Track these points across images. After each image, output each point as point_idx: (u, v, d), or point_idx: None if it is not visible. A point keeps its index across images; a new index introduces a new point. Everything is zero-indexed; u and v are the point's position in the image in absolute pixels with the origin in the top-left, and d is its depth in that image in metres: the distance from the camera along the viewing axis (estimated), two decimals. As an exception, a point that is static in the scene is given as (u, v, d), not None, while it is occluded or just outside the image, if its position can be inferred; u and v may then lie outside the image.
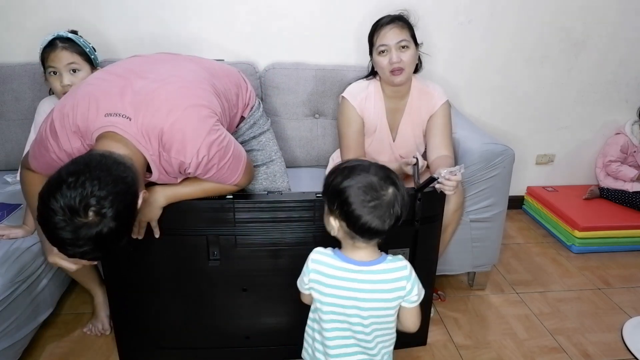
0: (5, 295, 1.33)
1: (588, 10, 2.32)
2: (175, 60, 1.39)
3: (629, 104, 2.58)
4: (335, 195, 1.04)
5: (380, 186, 1.02)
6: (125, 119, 1.14)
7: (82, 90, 1.21)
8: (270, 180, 1.58)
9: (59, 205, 0.93)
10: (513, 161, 1.74)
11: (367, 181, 1.02)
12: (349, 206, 1.01)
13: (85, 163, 1.00)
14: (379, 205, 1.01)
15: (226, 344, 1.55)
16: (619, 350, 1.71)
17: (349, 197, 1.01)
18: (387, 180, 1.04)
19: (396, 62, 1.64)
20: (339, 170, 1.07)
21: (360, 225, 1.02)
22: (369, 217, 1.01)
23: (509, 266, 2.20)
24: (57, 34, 1.60)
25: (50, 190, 0.96)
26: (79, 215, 0.94)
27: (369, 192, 1.01)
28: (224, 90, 1.38)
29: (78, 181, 0.95)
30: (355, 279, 1.09)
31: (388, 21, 1.68)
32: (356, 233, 1.05)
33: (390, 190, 1.03)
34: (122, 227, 1.01)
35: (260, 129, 1.61)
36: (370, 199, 1.01)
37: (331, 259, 1.12)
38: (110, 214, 0.96)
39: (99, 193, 0.95)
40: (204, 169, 1.22)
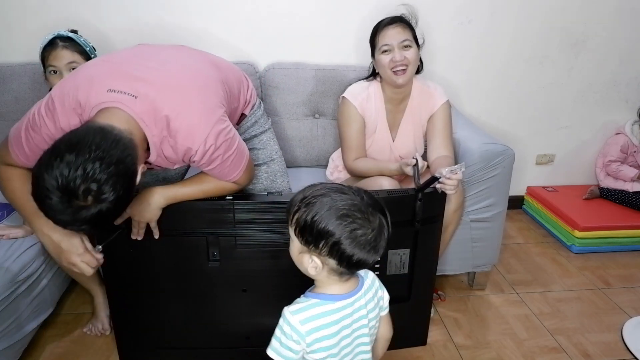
0: (5, 295, 1.33)
1: (588, 10, 2.32)
2: (181, 49, 1.38)
3: (629, 104, 2.58)
4: (319, 233, 0.89)
5: (369, 214, 0.91)
6: (131, 97, 1.11)
7: (84, 71, 1.19)
8: (271, 179, 1.58)
9: (56, 185, 0.91)
10: (513, 161, 1.74)
11: (355, 208, 0.90)
12: (339, 245, 0.88)
13: (84, 139, 0.96)
14: (372, 238, 0.90)
15: (226, 344, 1.55)
16: (619, 350, 1.71)
17: (336, 235, 0.88)
18: (374, 207, 0.93)
19: (399, 60, 1.64)
20: (313, 201, 0.91)
21: (355, 262, 0.91)
22: (363, 254, 0.90)
23: (509, 266, 2.20)
24: (58, 33, 1.60)
25: (47, 164, 0.93)
26: (77, 198, 0.92)
27: (360, 222, 0.89)
28: (226, 80, 1.37)
29: (78, 161, 0.92)
30: (354, 312, 1.00)
31: (390, 21, 1.68)
32: (349, 269, 0.94)
33: (379, 216, 0.92)
34: (119, 207, 1.00)
35: (262, 128, 1.61)
36: (362, 234, 0.89)
37: (321, 307, 0.97)
38: (110, 198, 0.95)
39: (100, 176, 0.93)
40: (209, 159, 1.20)
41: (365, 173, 1.71)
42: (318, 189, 0.93)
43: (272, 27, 2.14)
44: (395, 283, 1.52)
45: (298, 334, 0.95)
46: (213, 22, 2.09)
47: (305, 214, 0.91)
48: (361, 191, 0.95)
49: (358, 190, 0.95)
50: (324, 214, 0.89)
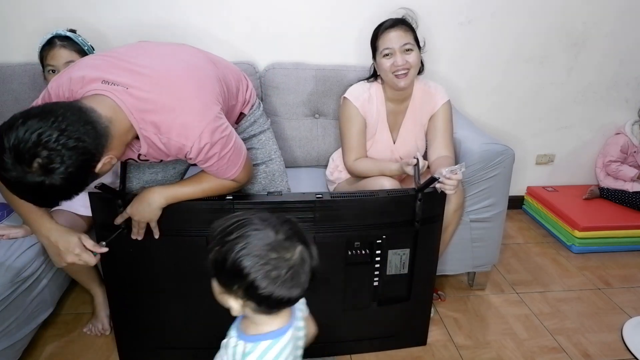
0: (5, 295, 1.33)
1: (588, 10, 2.32)
2: (180, 46, 1.38)
3: (629, 104, 2.58)
4: (233, 275, 0.82)
5: (285, 250, 0.83)
6: (123, 88, 1.10)
7: (79, 64, 1.19)
8: (269, 179, 1.58)
9: (8, 146, 0.90)
10: (513, 161, 1.74)
11: (269, 247, 0.81)
12: (255, 287, 0.81)
13: (55, 110, 0.96)
14: (288, 276, 0.82)
15: (226, 344, 1.55)
16: (619, 350, 1.71)
17: (251, 275, 0.80)
18: (292, 239, 0.84)
19: (401, 64, 1.64)
20: (228, 236, 0.84)
21: (276, 302, 0.83)
22: (282, 292, 0.82)
23: (509, 266, 2.20)
24: (56, 33, 1.60)
25: (8, 125, 0.92)
26: (24, 162, 0.91)
27: (274, 262, 0.81)
28: (224, 78, 1.36)
29: (35, 126, 0.91)
30: (297, 337, 0.96)
31: (391, 24, 1.68)
32: (272, 308, 0.86)
33: (298, 250, 0.84)
34: (67, 186, 0.97)
35: (260, 128, 1.61)
36: (277, 275, 0.81)
37: (275, 348, 0.88)
38: (58, 171, 0.93)
39: (53, 145, 0.91)
40: (205, 156, 1.20)
41: (365, 173, 1.71)
42: (232, 226, 0.85)
43: (272, 27, 2.14)
44: (395, 283, 1.53)
45: None
46: (213, 22, 2.09)
47: (219, 254, 0.84)
48: (279, 224, 0.85)
49: (276, 223, 0.85)
50: (236, 256, 0.81)
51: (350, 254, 1.45)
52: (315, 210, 1.38)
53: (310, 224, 1.39)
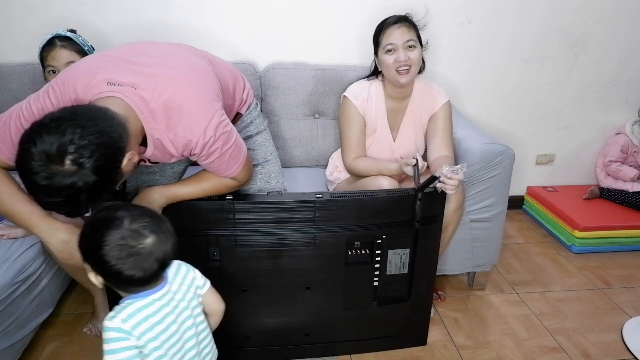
0: (5, 295, 1.33)
1: (588, 10, 2.32)
2: (178, 45, 1.38)
3: (629, 104, 2.58)
4: (93, 257, 0.97)
5: (136, 238, 0.95)
6: (130, 88, 1.12)
7: (82, 64, 1.19)
8: (265, 180, 1.58)
9: (37, 150, 0.91)
10: (513, 161, 1.74)
11: (121, 236, 0.94)
12: (102, 264, 0.95)
13: (72, 111, 0.98)
14: (138, 258, 0.95)
15: (226, 344, 1.55)
16: (619, 350, 1.71)
17: (102, 257, 0.94)
18: (143, 230, 0.96)
19: (404, 60, 1.64)
20: (92, 225, 0.98)
21: (117, 278, 0.96)
22: (130, 272, 0.95)
23: (509, 266, 2.20)
24: (56, 33, 1.60)
25: (31, 133, 0.93)
26: (54, 162, 0.92)
27: (125, 249, 0.94)
28: (221, 76, 1.37)
29: (60, 127, 0.92)
30: (171, 300, 1.05)
31: (395, 21, 1.68)
32: (118, 284, 1.00)
33: (149, 240, 0.96)
34: (99, 184, 0.98)
35: (257, 129, 1.61)
36: (127, 255, 0.94)
37: (135, 304, 1.01)
38: (88, 165, 0.94)
39: (79, 142, 0.93)
40: (208, 151, 1.21)
41: (364, 173, 1.71)
42: (99, 216, 0.98)
43: (272, 27, 2.14)
44: (395, 283, 1.53)
45: (124, 331, 0.97)
46: (213, 22, 2.09)
47: (84, 236, 0.98)
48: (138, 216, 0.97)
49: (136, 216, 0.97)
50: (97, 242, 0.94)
51: (350, 254, 1.45)
52: (315, 210, 1.38)
53: (310, 224, 1.39)
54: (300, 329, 1.55)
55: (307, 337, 1.57)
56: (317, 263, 1.44)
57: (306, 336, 1.56)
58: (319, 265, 1.45)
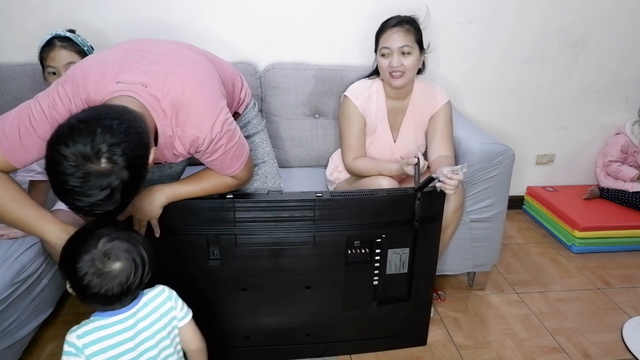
0: (5, 295, 1.33)
1: (588, 10, 2.32)
2: (177, 43, 1.38)
3: (629, 104, 2.58)
4: (68, 268, 1.01)
5: (103, 263, 0.99)
6: (141, 86, 1.12)
7: (91, 61, 1.18)
8: (262, 181, 1.58)
9: (70, 152, 0.91)
10: (513, 161, 1.74)
11: (92, 257, 0.99)
12: (76, 277, 0.99)
13: (96, 111, 0.99)
14: (102, 279, 0.99)
15: (226, 344, 1.55)
16: (619, 350, 1.70)
17: (76, 271, 0.98)
18: (109, 256, 1.00)
19: (396, 66, 1.64)
20: (72, 240, 1.04)
21: (84, 293, 1.00)
22: (94, 289, 0.99)
23: (509, 266, 2.20)
24: (55, 33, 1.59)
25: (60, 136, 0.93)
26: (91, 162, 0.92)
27: (93, 268, 0.98)
28: (222, 75, 1.37)
29: (90, 127, 0.93)
30: (135, 324, 1.05)
31: (394, 24, 1.67)
32: (84, 299, 1.02)
33: (117, 266, 1.00)
34: (132, 180, 0.99)
35: (255, 129, 1.61)
36: (94, 274, 0.98)
37: (97, 322, 1.03)
38: (121, 162, 0.95)
39: (111, 140, 0.94)
40: (213, 148, 1.21)
41: (364, 173, 1.71)
42: (77, 237, 1.04)
43: (272, 27, 2.14)
44: (395, 282, 1.53)
45: (75, 347, 1.00)
46: (213, 21, 2.09)
47: (66, 249, 1.03)
48: (108, 241, 1.01)
49: (105, 241, 1.01)
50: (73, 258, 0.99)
51: (349, 253, 1.45)
52: (315, 209, 1.38)
53: (310, 223, 1.39)
54: (300, 329, 1.55)
55: (307, 337, 1.57)
56: (317, 262, 1.44)
57: (306, 336, 1.56)
58: (319, 264, 1.45)
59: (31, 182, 1.58)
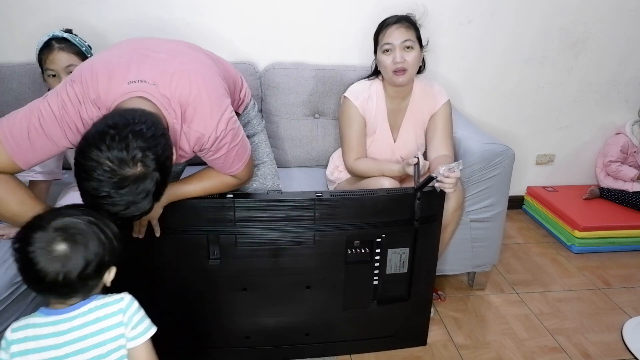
0: (5, 295, 1.33)
1: (588, 10, 2.32)
2: (180, 42, 1.38)
3: (629, 104, 2.58)
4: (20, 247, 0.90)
5: (52, 242, 0.89)
6: (151, 85, 1.12)
7: (98, 61, 1.17)
8: (261, 182, 1.58)
9: (105, 157, 0.92)
10: (513, 161, 1.74)
11: (42, 239, 0.89)
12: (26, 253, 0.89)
13: (122, 116, 0.98)
14: (46, 259, 0.88)
15: (226, 343, 1.55)
16: (619, 350, 1.70)
17: (27, 245, 0.89)
18: (58, 235, 0.89)
19: (399, 62, 1.64)
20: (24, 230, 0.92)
21: (28, 274, 0.90)
22: (42, 265, 0.88)
23: (509, 266, 2.20)
24: (52, 35, 1.57)
25: (91, 142, 0.93)
26: (128, 166, 0.93)
27: (43, 251, 0.88)
28: (224, 74, 1.37)
29: (122, 133, 0.93)
30: (67, 332, 0.92)
31: (394, 21, 1.68)
32: (38, 291, 0.94)
33: (61, 247, 0.89)
34: (163, 180, 1.00)
35: (254, 129, 1.61)
36: (41, 251, 0.88)
37: (34, 318, 0.93)
38: (153, 165, 0.96)
39: (143, 144, 0.94)
40: (217, 146, 1.22)
41: (366, 173, 1.71)
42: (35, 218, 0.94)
43: (272, 27, 2.14)
44: (395, 282, 1.53)
45: (6, 341, 0.92)
46: (213, 21, 2.09)
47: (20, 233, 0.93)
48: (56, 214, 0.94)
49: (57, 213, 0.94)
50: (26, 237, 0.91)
51: (349, 253, 1.45)
52: (315, 209, 1.38)
53: (309, 223, 1.39)
54: (300, 329, 1.55)
55: (307, 337, 1.57)
56: (317, 262, 1.44)
57: (306, 336, 1.56)
58: (318, 264, 1.45)
59: (31, 182, 1.57)
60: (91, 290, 0.96)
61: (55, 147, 1.15)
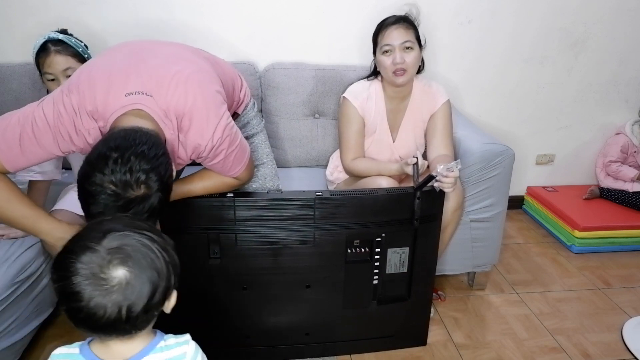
0: (6, 295, 1.33)
1: (588, 10, 2.32)
2: (175, 44, 1.37)
3: (629, 104, 2.58)
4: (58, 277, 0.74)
5: (102, 267, 0.73)
6: (148, 97, 1.12)
7: (95, 69, 1.17)
8: (260, 182, 1.58)
9: (108, 180, 0.92)
10: (513, 161, 1.74)
11: (90, 257, 0.73)
12: (68, 287, 0.72)
13: (123, 137, 0.98)
14: (99, 290, 0.72)
15: (226, 343, 1.55)
16: (619, 350, 1.70)
17: (68, 275, 0.72)
18: (114, 257, 0.74)
19: (399, 62, 1.64)
20: (71, 241, 0.77)
21: (75, 311, 0.73)
22: (85, 300, 0.72)
23: (509, 266, 2.20)
24: (48, 37, 1.55)
25: (95, 165, 0.93)
26: (132, 189, 0.93)
27: (89, 271, 0.72)
28: (222, 77, 1.36)
29: (124, 156, 0.93)
30: None
31: (393, 21, 1.68)
32: (91, 330, 0.76)
33: (120, 273, 0.73)
34: (166, 196, 1.01)
35: (253, 130, 1.61)
36: (89, 281, 0.72)
37: (77, 350, 0.80)
38: (156, 186, 0.96)
39: (146, 166, 0.94)
40: (214, 153, 1.22)
41: (363, 173, 1.71)
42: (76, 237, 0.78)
43: (272, 27, 2.14)
44: (394, 282, 1.53)
45: None
46: (213, 21, 2.10)
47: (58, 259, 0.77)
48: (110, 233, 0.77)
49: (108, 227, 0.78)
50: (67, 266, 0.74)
51: (349, 252, 1.45)
52: (315, 208, 1.38)
53: (309, 222, 1.39)
54: (300, 328, 1.55)
55: (307, 337, 1.56)
56: (317, 261, 1.44)
57: (306, 335, 1.56)
58: (318, 263, 1.45)
59: (31, 182, 1.57)
60: (151, 322, 0.82)
61: (45, 155, 1.16)
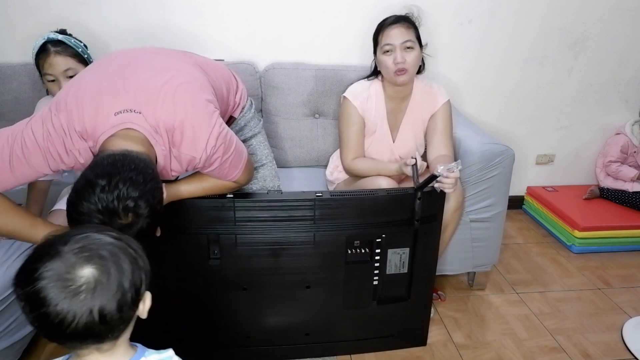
0: (6, 295, 1.33)
1: (588, 10, 2.32)
2: (161, 51, 1.36)
3: (629, 104, 2.58)
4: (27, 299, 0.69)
5: (72, 269, 0.69)
6: (137, 114, 1.12)
7: (85, 85, 1.16)
8: (261, 184, 1.58)
9: (95, 209, 0.91)
10: (513, 161, 1.74)
11: (57, 267, 0.69)
12: (32, 293, 0.68)
13: (111, 164, 0.98)
14: (76, 294, 0.68)
15: (226, 343, 1.55)
16: (619, 350, 1.70)
17: (32, 278, 0.68)
18: (79, 256, 0.70)
19: (400, 62, 1.64)
20: (30, 259, 0.72)
21: (39, 319, 0.68)
22: (62, 306, 0.67)
23: (509, 266, 2.20)
24: (48, 37, 1.55)
25: (82, 194, 0.93)
26: (119, 217, 0.93)
27: (61, 282, 0.68)
28: (214, 83, 1.36)
29: (111, 183, 0.93)
30: None
31: (394, 21, 1.68)
32: (65, 340, 0.70)
33: (87, 272, 0.69)
34: (156, 220, 1.01)
35: (252, 132, 1.60)
36: (55, 283, 0.68)
37: None
38: (145, 212, 0.96)
39: (134, 193, 0.94)
40: (209, 162, 1.22)
41: (363, 173, 1.71)
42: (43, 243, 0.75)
43: (272, 27, 2.14)
44: (395, 282, 1.53)
45: None
46: (213, 21, 2.09)
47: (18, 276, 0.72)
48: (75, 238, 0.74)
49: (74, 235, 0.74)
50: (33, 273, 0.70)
51: (349, 253, 1.45)
52: (315, 209, 1.38)
53: (309, 223, 1.39)
54: (300, 328, 1.55)
55: (307, 337, 1.57)
56: (317, 262, 1.44)
57: (306, 335, 1.56)
58: (318, 263, 1.45)
59: (30, 183, 1.57)
60: (128, 329, 0.78)
61: (35, 174, 1.16)
